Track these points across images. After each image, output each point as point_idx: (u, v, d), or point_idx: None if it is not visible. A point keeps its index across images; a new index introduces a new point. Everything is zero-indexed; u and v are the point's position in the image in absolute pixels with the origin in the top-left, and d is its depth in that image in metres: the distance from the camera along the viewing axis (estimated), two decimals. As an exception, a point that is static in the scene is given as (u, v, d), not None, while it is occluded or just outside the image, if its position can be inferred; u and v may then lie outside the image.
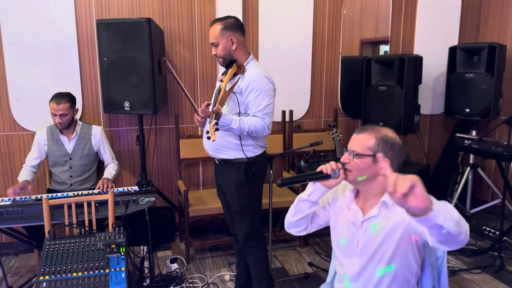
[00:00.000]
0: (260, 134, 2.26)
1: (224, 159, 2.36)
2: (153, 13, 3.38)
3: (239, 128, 2.19)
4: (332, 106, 3.96)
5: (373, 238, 1.51)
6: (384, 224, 1.49)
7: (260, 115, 2.24)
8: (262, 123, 2.24)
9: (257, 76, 2.25)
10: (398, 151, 1.49)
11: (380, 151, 1.46)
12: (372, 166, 1.48)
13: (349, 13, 3.89)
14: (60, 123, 2.87)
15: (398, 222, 1.45)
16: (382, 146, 1.47)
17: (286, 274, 3.05)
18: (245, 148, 2.32)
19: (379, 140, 1.48)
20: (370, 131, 1.51)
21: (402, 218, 1.43)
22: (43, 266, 2.12)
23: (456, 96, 3.72)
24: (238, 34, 2.31)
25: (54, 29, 3.18)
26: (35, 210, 2.44)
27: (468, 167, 3.76)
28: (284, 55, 3.71)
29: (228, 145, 2.33)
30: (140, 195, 2.64)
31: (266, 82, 2.27)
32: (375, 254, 1.50)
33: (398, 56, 3.52)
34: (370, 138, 1.49)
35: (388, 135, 1.50)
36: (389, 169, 1.17)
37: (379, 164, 1.44)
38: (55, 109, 2.83)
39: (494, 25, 4.12)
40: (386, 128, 1.53)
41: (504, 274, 2.98)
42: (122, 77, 2.95)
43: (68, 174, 2.98)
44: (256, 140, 2.35)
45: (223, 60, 2.33)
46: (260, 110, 2.24)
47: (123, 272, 2.12)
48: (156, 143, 3.56)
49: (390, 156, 1.47)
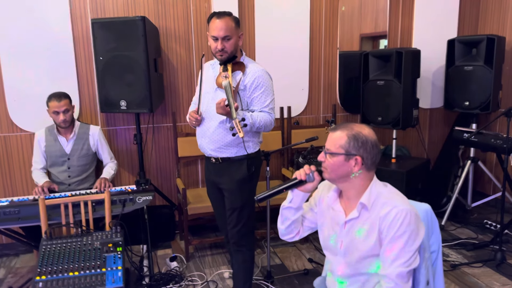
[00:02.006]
0: (267, 129, 2.31)
1: (224, 157, 2.34)
2: (148, 11, 3.37)
3: (250, 124, 2.17)
4: (330, 102, 3.94)
5: (357, 240, 1.52)
6: (366, 227, 1.50)
7: (267, 110, 2.29)
8: (270, 118, 2.29)
9: (261, 72, 2.29)
10: (371, 149, 1.49)
11: (352, 149, 1.48)
12: (344, 165, 1.49)
13: (348, 8, 3.86)
14: (64, 121, 2.85)
15: (376, 221, 1.47)
16: (354, 144, 1.48)
17: (286, 271, 3.04)
18: (247, 144, 2.32)
19: (350, 138, 1.49)
20: (343, 129, 1.52)
21: (378, 217, 1.46)
22: (39, 266, 2.12)
23: (455, 89, 3.69)
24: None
25: (49, 29, 3.17)
26: (32, 211, 2.45)
27: (468, 161, 3.73)
28: (281, 51, 3.69)
29: (231, 143, 2.31)
30: (137, 194, 2.64)
31: (269, 78, 2.34)
32: (360, 256, 1.51)
33: (395, 50, 3.49)
34: (342, 136, 1.50)
35: (361, 133, 1.50)
36: None
37: (351, 162, 1.47)
38: (58, 106, 2.82)
39: (493, 17, 4.08)
40: (362, 125, 1.54)
41: (505, 268, 2.96)
42: (118, 76, 2.94)
43: (67, 174, 2.98)
44: (257, 136, 2.38)
45: (228, 56, 2.26)
46: (267, 106, 2.29)
47: (120, 271, 2.12)
48: (154, 141, 3.55)
49: (362, 153, 1.48)
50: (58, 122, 2.88)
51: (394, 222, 1.43)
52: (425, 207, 1.66)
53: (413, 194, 1.82)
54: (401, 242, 1.42)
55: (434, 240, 1.64)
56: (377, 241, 1.47)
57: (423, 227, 1.49)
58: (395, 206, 1.45)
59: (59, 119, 2.85)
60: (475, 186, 4.06)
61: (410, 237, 1.42)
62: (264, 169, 2.71)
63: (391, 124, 3.59)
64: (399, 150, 4.00)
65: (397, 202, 1.46)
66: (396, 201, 1.47)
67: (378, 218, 1.46)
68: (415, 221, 1.44)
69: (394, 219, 1.43)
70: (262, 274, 2.99)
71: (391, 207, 1.45)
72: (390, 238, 1.43)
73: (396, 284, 1.42)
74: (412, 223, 1.43)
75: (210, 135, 2.33)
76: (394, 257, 1.43)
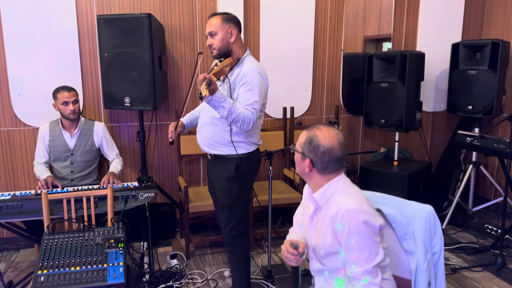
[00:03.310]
0: (245, 125, 2.20)
1: (217, 155, 2.36)
2: (153, 8, 3.37)
3: (229, 109, 2.12)
4: (333, 103, 3.95)
5: (320, 236, 1.56)
6: (325, 225, 1.54)
7: (249, 108, 2.21)
8: (251, 115, 2.20)
9: (251, 70, 2.23)
10: (322, 155, 1.52)
11: (305, 151, 1.55)
12: (301, 163, 1.58)
13: (352, 10, 3.86)
14: (73, 112, 2.86)
15: (329, 222, 1.50)
16: (307, 146, 1.55)
17: (286, 271, 3.04)
18: (237, 144, 2.32)
19: (306, 140, 1.56)
20: (308, 129, 1.58)
21: (330, 217, 1.50)
22: (41, 260, 2.12)
23: (458, 93, 3.69)
24: (237, 30, 2.32)
25: (55, 25, 3.18)
26: (35, 205, 2.45)
27: (470, 165, 3.73)
28: (285, 51, 3.69)
29: (221, 141, 2.33)
30: (140, 190, 2.64)
31: (259, 79, 2.24)
32: (326, 252, 1.54)
33: (400, 53, 3.49)
34: (303, 136, 1.58)
35: (317, 137, 1.53)
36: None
37: (305, 162, 1.54)
38: (68, 97, 2.84)
39: (498, 22, 4.08)
40: (327, 130, 1.56)
41: (505, 272, 2.96)
42: (122, 72, 2.95)
43: (69, 169, 2.98)
44: (249, 137, 2.34)
45: (218, 52, 2.29)
46: (250, 104, 2.21)
47: (121, 266, 2.12)
48: (157, 139, 3.56)
49: (312, 157, 1.54)
50: (67, 113, 2.87)
51: (343, 225, 1.45)
52: (428, 209, 1.66)
53: (414, 197, 1.82)
54: (354, 244, 1.44)
55: (436, 242, 1.64)
56: (335, 240, 1.50)
57: (376, 218, 1.48)
58: (341, 207, 1.47)
59: (68, 110, 2.85)
60: (476, 190, 4.06)
61: (360, 236, 1.43)
62: (266, 170, 2.71)
63: (394, 127, 3.59)
64: (401, 153, 4.01)
65: (343, 203, 1.48)
66: (342, 202, 1.49)
67: (330, 218, 1.50)
68: (361, 219, 1.44)
69: (341, 221, 1.45)
70: (262, 273, 3.00)
71: (338, 207, 1.48)
72: (344, 241, 1.46)
73: (368, 282, 1.44)
74: (360, 222, 1.43)
75: (203, 130, 2.39)
76: (354, 258, 1.45)
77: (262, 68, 2.31)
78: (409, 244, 1.63)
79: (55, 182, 2.76)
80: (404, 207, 1.69)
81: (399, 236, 1.66)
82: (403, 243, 1.65)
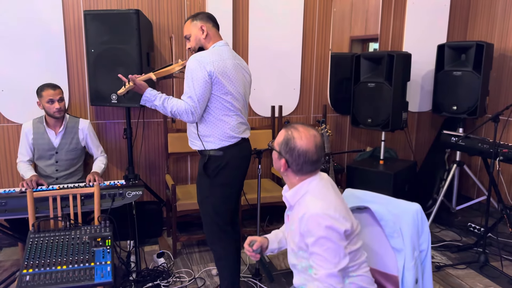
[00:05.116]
0: (183, 117, 2.18)
1: (197, 150, 2.37)
2: (141, 5, 3.34)
3: (162, 106, 2.21)
4: (321, 102, 3.97)
5: (292, 233, 1.60)
6: (295, 224, 1.57)
7: (184, 98, 2.20)
8: (184, 106, 2.17)
9: (190, 59, 2.20)
10: (297, 157, 1.54)
11: (282, 150, 1.57)
12: (277, 161, 1.60)
13: (339, 10, 3.89)
14: (59, 110, 2.81)
15: (298, 223, 1.53)
16: (284, 147, 1.57)
17: (273, 269, 3.05)
18: (205, 139, 2.28)
19: (284, 140, 1.57)
20: (287, 129, 1.59)
21: (298, 218, 1.52)
22: (26, 259, 2.09)
23: (443, 93, 3.75)
24: (210, 25, 2.32)
25: (40, 20, 3.12)
26: (19, 203, 2.40)
27: (454, 164, 3.80)
28: (274, 50, 3.70)
29: (192, 135, 2.35)
30: (127, 188, 2.62)
31: (196, 66, 2.16)
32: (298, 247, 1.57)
33: (387, 53, 3.53)
34: (281, 135, 1.59)
35: (293, 139, 1.54)
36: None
37: (281, 161, 1.56)
38: (53, 94, 2.78)
39: (482, 24, 4.16)
40: (305, 131, 1.56)
41: (488, 270, 3.02)
42: (110, 69, 2.91)
43: (54, 168, 2.93)
44: (219, 130, 2.25)
45: (195, 51, 2.33)
46: (184, 95, 2.22)
47: (109, 265, 2.10)
48: (144, 136, 3.52)
49: (288, 158, 1.56)
50: (52, 111, 2.81)
51: (307, 229, 1.47)
52: (415, 207, 1.69)
53: (400, 196, 1.84)
54: (319, 247, 1.46)
55: (423, 240, 1.67)
56: (301, 241, 1.53)
57: (342, 223, 1.48)
58: (307, 211, 1.49)
59: (54, 108, 2.79)
60: (459, 189, 4.13)
61: (323, 240, 1.45)
62: (254, 168, 2.71)
63: (380, 126, 3.63)
64: (387, 152, 4.05)
65: (310, 206, 1.50)
66: (309, 205, 1.50)
67: (298, 220, 1.52)
68: (324, 224, 1.45)
69: (306, 224, 1.48)
70: (251, 272, 3.00)
71: (305, 211, 1.50)
72: (310, 245, 1.48)
73: (330, 285, 1.45)
74: (323, 227, 1.44)
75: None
76: (319, 261, 1.47)
77: (209, 55, 2.20)
78: (397, 241, 1.66)
79: (40, 181, 2.71)
80: (392, 205, 1.72)
81: (387, 234, 1.69)
82: (391, 241, 1.67)
